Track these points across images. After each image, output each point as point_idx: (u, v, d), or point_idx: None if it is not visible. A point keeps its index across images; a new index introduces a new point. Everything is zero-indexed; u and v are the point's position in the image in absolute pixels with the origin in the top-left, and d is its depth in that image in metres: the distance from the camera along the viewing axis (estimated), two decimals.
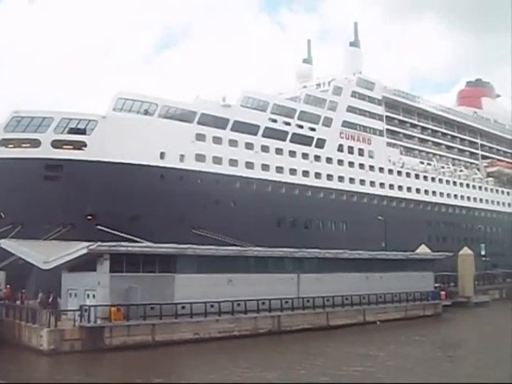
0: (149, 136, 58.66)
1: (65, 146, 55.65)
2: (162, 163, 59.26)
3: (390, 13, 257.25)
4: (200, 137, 63.63)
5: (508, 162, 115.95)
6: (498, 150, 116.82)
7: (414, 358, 36.91)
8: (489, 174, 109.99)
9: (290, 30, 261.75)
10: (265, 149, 69.59)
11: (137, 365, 33.61)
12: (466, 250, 75.82)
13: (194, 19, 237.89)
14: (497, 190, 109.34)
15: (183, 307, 40.84)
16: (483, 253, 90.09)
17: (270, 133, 70.53)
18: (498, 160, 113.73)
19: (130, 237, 48.18)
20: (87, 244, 38.96)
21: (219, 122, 65.79)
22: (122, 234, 48.69)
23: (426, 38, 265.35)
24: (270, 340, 43.09)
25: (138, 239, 48.06)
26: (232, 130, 66.80)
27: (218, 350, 38.51)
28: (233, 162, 65.70)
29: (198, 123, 63.94)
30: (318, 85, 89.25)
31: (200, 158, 62.88)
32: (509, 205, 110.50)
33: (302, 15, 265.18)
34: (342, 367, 32.72)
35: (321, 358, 36.12)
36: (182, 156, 61.27)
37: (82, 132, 56.78)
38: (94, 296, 39.25)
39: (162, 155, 59.75)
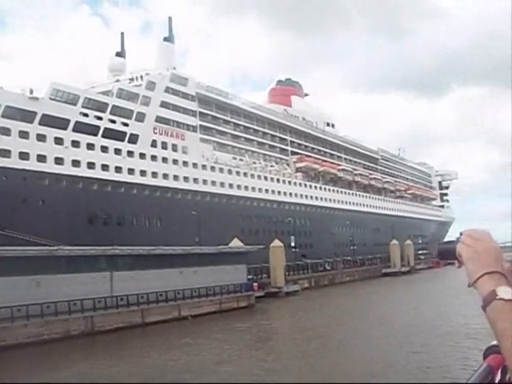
0: None
1: None
2: None
3: (213, 9, 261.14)
4: (4, 131, 59.90)
5: (315, 158, 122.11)
6: (306, 146, 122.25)
7: (224, 349, 37.68)
8: (298, 169, 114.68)
9: (112, 22, 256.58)
10: (75, 144, 66.97)
11: None
12: (276, 242, 78.60)
13: (9, 6, 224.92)
14: (305, 185, 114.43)
15: None
16: (293, 244, 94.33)
17: (81, 127, 67.93)
18: (306, 156, 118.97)
19: None
20: None
21: (26, 116, 62.28)
22: None
23: (249, 36, 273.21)
24: (83, 342, 41.88)
25: None
26: (40, 123, 63.46)
27: (25, 357, 36.49)
28: (41, 158, 62.57)
29: (2, 116, 60.20)
30: (132, 79, 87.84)
31: (5, 153, 59.21)
32: (316, 198, 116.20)
33: (125, 8, 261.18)
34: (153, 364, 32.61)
35: (130, 357, 35.67)
36: None
37: None
38: None
39: None
